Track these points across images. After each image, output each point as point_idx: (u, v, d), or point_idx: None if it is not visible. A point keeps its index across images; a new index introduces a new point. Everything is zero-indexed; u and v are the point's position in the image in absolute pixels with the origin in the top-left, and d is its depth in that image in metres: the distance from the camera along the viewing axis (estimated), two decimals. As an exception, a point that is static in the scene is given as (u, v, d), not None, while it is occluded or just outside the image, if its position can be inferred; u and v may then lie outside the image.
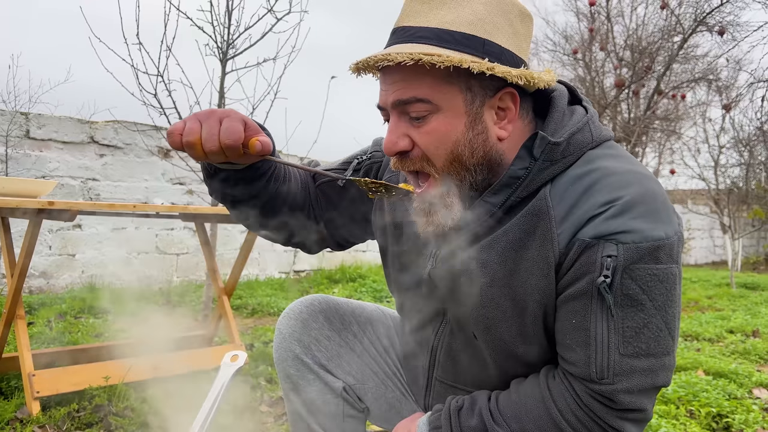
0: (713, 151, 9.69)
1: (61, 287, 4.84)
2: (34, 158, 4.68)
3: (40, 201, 2.08)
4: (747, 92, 6.28)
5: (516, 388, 1.06)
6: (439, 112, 1.00)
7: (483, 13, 0.99)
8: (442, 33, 0.98)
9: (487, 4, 1.00)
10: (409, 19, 1.01)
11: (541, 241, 0.99)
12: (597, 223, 0.95)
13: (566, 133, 1.02)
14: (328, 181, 1.28)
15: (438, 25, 0.99)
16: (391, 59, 0.95)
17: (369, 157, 1.30)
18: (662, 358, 0.97)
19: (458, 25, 0.98)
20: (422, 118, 1.00)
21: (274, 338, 1.34)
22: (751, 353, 3.59)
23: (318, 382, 1.30)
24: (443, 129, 1.00)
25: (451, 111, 1.00)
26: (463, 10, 0.99)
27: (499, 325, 1.05)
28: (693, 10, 6.31)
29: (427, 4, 1.00)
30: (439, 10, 0.99)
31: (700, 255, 12.96)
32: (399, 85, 1.00)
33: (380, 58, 0.96)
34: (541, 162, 1.01)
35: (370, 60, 0.98)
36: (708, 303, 5.85)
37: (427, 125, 1.00)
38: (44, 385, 2.17)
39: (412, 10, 1.02)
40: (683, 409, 2.42)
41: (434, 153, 1.01)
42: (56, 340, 3.13)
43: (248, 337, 3.49)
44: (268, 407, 2.38)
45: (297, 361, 1.30)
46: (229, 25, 3.93)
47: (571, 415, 0.98)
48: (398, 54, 0.94)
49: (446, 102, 0.99)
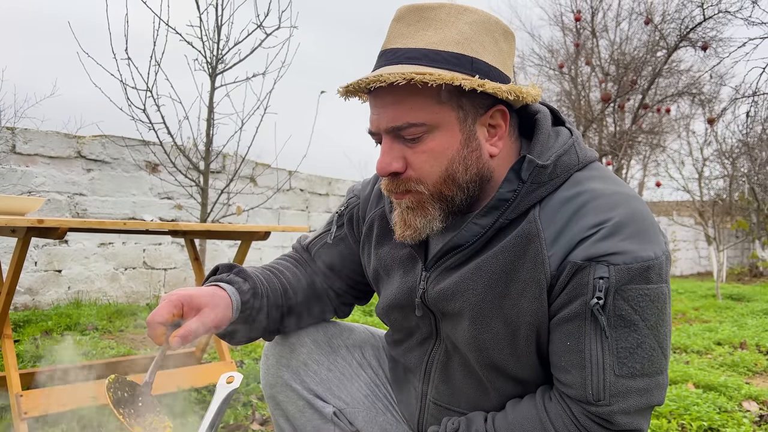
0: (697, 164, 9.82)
1: (48, 303, 4.77)
2: (20, 173, 4.63)
3: (29, 219, 2.05)
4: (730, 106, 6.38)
5: (512, 409, 1.05)
6: (434, 131, 1.01)
7: (469, 32, 1.01)
8: (430, 53, 0.99)
9: (472, 24, 1.02)
10: (396, 41, 1.03)
11: (532, 264, 1.00)
12: (587, 245, 0.96)
13: (553, 156, 1.04)
14: (321, 246, 1.33)
15: (425, 45, 1.00)
16: (383, 80, 0.95)
17: (346, 206, 1.33)
18: (656, 377, 0.97)
19: (446, 45, 1.00)
20: (417, 138, 1.01)
21: (261, 364, 1.32)
22: (740, 365, 3.62)
23: (308, 408, 1.28)
24: (439, 148, 1.01)
25: (446, 130, 1.01)
26: (449, 31, 1.01)
27: (491, 347, 1.05)
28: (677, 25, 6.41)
29: (413, 26, 1.02)
30: (425, 32, 1.01)
31: (685, 266, 13.08)
32: (391, 109, 1.00)
33: (372, 80, 0.96)
34: (529, 184, 1.02)
35: (361, 82, 0.98)
36: (695, 314, 5.90)
37: (422, 145, 1.01)
38: (32, 405, 2.13)
39: (398, 32, 1.03)
40: (675, 423, 2.43)
41: (429, 171, 1.02)
42: (43, 359, 3.09)
43: (238, 354, 3.46)
44: (260, 425, 2.35)
45: (286, 387, 1.28)
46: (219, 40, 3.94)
47: None
48: (390, 74, 0.95)
49: (440, 121, 1.00)
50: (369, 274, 1.29)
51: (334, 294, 1.34)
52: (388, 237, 1.21)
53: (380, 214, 1.25)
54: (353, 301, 1.37)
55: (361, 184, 1.36)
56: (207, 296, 1.06)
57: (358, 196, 1.33)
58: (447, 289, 1.08)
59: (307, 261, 1.35)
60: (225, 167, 5.26)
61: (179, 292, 1.04)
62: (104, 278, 5.10)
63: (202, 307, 1.04)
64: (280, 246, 6.38)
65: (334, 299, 1.34)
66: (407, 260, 1.17)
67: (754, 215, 11.75)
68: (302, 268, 1.33)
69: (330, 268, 1.33)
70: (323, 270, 1.33)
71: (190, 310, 1.03)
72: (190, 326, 1.01)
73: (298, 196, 6.80)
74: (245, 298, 1.14)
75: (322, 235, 1.34)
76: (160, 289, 5.46)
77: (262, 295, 1.18)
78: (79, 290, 4.95)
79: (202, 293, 1.06)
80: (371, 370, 1.36)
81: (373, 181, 1.33)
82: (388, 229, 1.21)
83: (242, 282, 1.15)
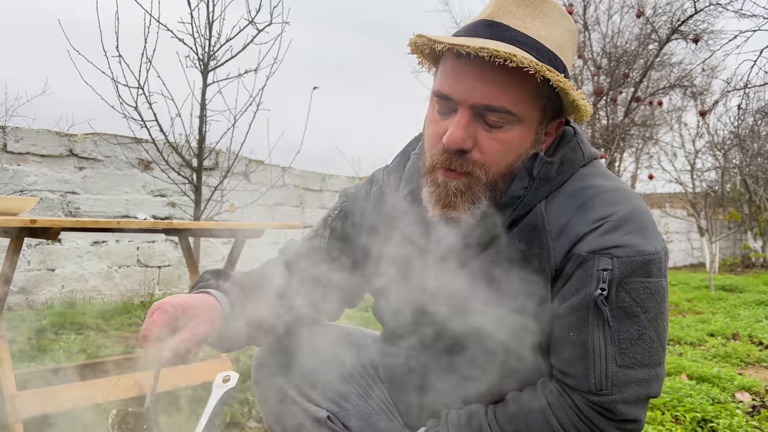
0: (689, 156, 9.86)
1: (41, 303, 4.75)
2: (12, 172, 4.60)
3: (21, 219, 2.04)
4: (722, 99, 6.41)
5: (514, 401, 1.06)
6: (516, 124, 1.00)
7: (566, 38, 1.03)
8: (541, 47, 0.99)
9: (570, 31, 1.03)
10: (505, 17, 1.00)
11: (538, 256, 1.02)
12: (592, 238, 0.98)
13: (560, 153, 1.07)
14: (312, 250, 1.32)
15: (536, 36, 0.99)
16: (509, 57, 0.91)
17: (339, 210, 1.32)
18: (655, 369, 0.99)
19: (551, 43, 1.00)
20: (498, 125, 1.00)
21: (253, 369, 1.31)
22: (732, 356, 3.65)
23: (302, 413, 1.27)
24: (515, 141, 1.01)
25: (526, 126, 1.01)
26: (555, 30, 1.01)
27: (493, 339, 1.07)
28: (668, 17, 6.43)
29: (522, 9, 1.00)
30: (533, 21, 1.00)
31: (678, 258, 13.14)
32: (490, 86, 0.97)
33: (494, 52, 0.92)
34: (538, 181, 1.04)
35: (483, 50, 0.92)
36: (688, 306, 5.94)
37: (501, 133, 1.00)
38: (27, 406, 2.13)
39: (507, 8, 1.01)
40: (669, 415, 2.45)
41: (497, 161, 1.01)
42: (38, 359, 3.08)
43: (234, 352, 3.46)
44: (256, 423, 2.36)
45: (279, 392, 1.27)
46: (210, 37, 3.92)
47: (572, 427, 0.99)
48: (518, 56, 0.91)
49: (526, 116, 1.00)
50: (367, 276, 1.29)
51: (325, 297, 1.33)
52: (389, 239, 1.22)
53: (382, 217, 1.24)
54: (344, 305, 1.37)
55: (355, 188, 1.35)
56: (198, 305, 1.06)
57: (352, 199, 1.32)
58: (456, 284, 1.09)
59: (296, 265, 1.34)
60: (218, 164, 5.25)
61: (172, 302, 1.03)
62: (98, 277, 5.08)
63: (195, 316, 1.04)
64: (275, 242, 6.37)
65: (325, 303, 1.33)
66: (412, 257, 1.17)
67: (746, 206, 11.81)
68: (291, 273, 1.32)
69: (321, 271, 1.32)
70: (314, 274, 1.33)
71: (182, 320, 1.03)
72: (183, 338, 1.01)
73: (291, 192, 6.79)
74: (235, 305, 1.14)
75: (314, 238, 1.33)
76: (155, 287, 5.45)
77: (252, 301, 1.18)
78: (73, 289, 4.93)
79: (194, 303, 1.06)
80: (364, 371, 1.35)
81: (367, 184, 1.33)
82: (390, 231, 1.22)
83: (231, 288, 1.15)
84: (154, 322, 0.99)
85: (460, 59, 0.99)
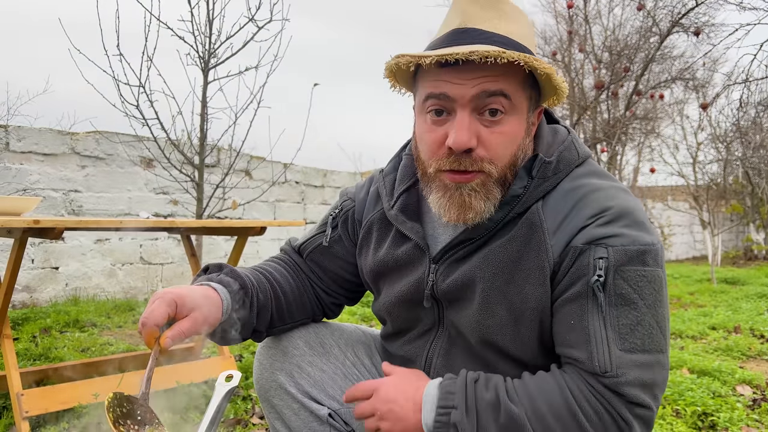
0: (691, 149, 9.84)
1: (45, 301, 4.78)
2: (15, 171, 4.62)
3: (25, 219, 2.06)
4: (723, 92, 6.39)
5: (529, 378, 1.06)
6: (511, 114, 1.05)
7: (527, 31, 1.09)
8: (514, 42, 1.04)
9: (528, 24, 1.10)
10: (476, 22, 1.05)
11: (536, 252, 1.06)
12: (588, 231, 1.02)
13: (556, 152, 1.11)
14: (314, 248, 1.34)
15: (506, 33, 1.05)
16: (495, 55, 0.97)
17: (340, 209, 1.35)
18: (657, 355, 1.01)
19: (519, 37, 1.06)
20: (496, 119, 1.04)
21: (254, 368, 1.32)
22: (734, 350, 3.66)
23: (303, 411, 1.27)
24: (513, 132, 1.06)
25: (518, 115, 1.06)
26: (518, 25, 1.07)
27: (495, 332, 1.10)
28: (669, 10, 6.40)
29: (487, 11, 1.06)
30: (499, 21, 1.05)
31: (680, 251, 13.14)
32: (481, 80, 1.02)
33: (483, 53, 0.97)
34: (536, 180, 1.08)
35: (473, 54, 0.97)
36: (690, 299, 5.94)
37: (500, 126, 1.05)
38: (33, 404, 2.15)
39: (475, 14, 1.06)
40: (669, 408, 2.47)
41: (502, 153, 1.06)
42: (42, 357, 3.10)
43: (237, 348, 3.48)
44: (260, 419, 2.38)
45: (281, 390, 1.28)
46: (211, 35, 3.92)
47: (585, 402, 0.99)
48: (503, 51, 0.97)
49: (518, 105, 1.06)
50: (366, 274, 1.31)
51: (325, 295, 1.35)
52: (387, 238, 1.25)
53: (379, 216, 1.27)
54: (344, 302, 1.40)
55: (355, 188, 1.38)
56: (198, 296, 1.07)
57: (353, 199, 1.35)
58: (457, 280, 1.12)
59: (297, 262, 1.36)
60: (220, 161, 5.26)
61: (172, 292, 1.04)
62: (101, 274, 5.11)
63: (194, 307, 1.05)
64: (277, 239, 6.39)
65: (325, 300, 1.36)
66: (411, 256, 1.20)
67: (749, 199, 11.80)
68: (292, 270, 1.34)
69: (323, 269, 1.35)
70: (315, 271, 1.35)
71: (182, 310, 1.04)
72: (181, 327, 1.02)
73: (293, 188, 6.80)
74: (235, 298, 1.15)
75: (316, 237, 1.35)
76: (158, 284, 5.47)
77: (252, 296, 1.19)
78: (77, 287, 4.96)
79: (193, 293, 1.07)
80: (364, 369, 1.37)
81: (367, 184, 1.35)
82: (388, 230, 1.25)
83: (232, 282, 1.16)
84: (154, 311, 1.00)
85: (446, 67, 1.03)
